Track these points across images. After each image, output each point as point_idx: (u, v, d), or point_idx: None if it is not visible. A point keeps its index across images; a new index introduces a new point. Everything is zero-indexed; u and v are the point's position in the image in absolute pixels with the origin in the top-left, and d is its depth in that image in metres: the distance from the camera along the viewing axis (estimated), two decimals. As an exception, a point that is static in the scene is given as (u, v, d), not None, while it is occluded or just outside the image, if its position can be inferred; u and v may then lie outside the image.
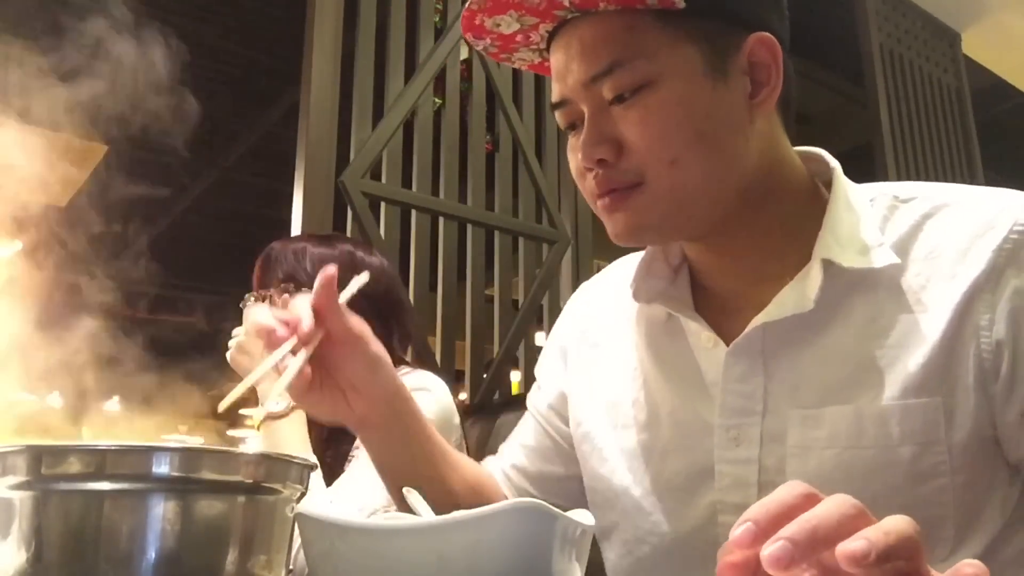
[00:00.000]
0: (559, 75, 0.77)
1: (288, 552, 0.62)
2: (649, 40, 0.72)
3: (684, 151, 0.71)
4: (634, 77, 0.71)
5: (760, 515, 0.42)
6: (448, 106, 2.54)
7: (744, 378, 0.76)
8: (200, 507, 0.56)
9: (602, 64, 0.72)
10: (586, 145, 0.74)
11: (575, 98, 0.76)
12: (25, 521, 0.54)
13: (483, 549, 0.49)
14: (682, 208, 0.74)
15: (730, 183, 0.74)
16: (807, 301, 0.72)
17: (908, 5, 4.13)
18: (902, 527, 0.43)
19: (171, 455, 0.54)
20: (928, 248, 0.72)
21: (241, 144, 5.78)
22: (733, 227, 0.77)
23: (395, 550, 0.49)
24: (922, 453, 0.68)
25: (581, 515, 0.55)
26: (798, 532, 0.42)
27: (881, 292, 0.72)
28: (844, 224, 0.74)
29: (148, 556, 0.53)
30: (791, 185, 0.78)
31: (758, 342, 0.75)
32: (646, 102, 0.72)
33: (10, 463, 0.55)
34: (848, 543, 0.42)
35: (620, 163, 0.73)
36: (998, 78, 4.70)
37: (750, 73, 0.74)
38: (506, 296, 2.62)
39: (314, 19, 2.26)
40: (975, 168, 4.20)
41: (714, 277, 0.82)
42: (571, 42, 0.75)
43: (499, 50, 0.82)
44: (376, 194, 2.30)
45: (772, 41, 0.74)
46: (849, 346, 0.72)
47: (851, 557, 0.41)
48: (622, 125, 0.73)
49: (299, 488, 0.62)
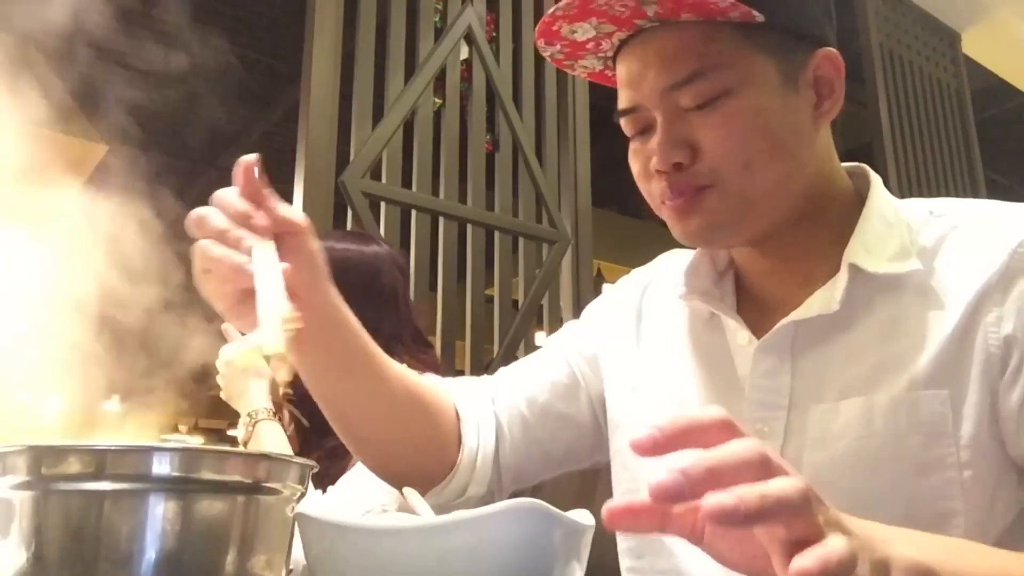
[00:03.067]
0: (632, 82, 0.79)
1: (288, 552, 0.62)
2: (728, 51, 0.75)
3: (757, 156, 0.75)
4: (714, 86, 0.74)
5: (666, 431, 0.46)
6: (448, 106, 2.54)
7: (772, 374, 0.79)
8: (200, 507, 0.56)
9: (682, 73, 0.75)
10: (663, 149, 0.76)
11: (649, 105, 0.78)
12: (25, 521, 0.54)
13: (483, 549, 0.49)
14: (750, 209, 0.77)
15: (795, 189, 0.78)
16: (832, 303, 0.75)
17: (908, 5, 4.13)
18: (786, 490, 0.45)
19: (171, 455, 0.55)
20: (951, 255, 0.76)
21: (241, 144, 5.78)
22: (789, 233, 0.80)
23: (395, 550, 0.49)
24: (929, 444, 0.70)
25: (581, 515, 0.55)
26: (693, 468, 0.44)
27: (905, 295, 0.76)
28: (874, 233, 0.78)
29: (148, 556, 0.53)
30: (839, 196, 0.82)
31: (787, 340, 0.78)
32: (725, 109, 0.74)
33: (10, 463, 0.55)
34: (717, 497, 0.43)
35: (695, 167, 0.76)
36: (998, 78, 4.70)
37: (815, 86, 0.78)
38: (506, 296, 2.62)
39: (314, 19, 2.26)
40: (975, 168, 4.20)
41: (761, 281, 0.85)
42: (648, 51, 0.77)
43: (565, 57, 0.84)
44: (376, 194, 2.30)
45: (837, 57, 0.79)
46: (870, 344, 0.75)
47: (713, 513, 0.43)
48: (699, 131, 0.75)
49: (299, 488, 0.62)
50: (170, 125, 5.25)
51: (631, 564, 0.90)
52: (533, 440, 0.92)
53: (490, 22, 2.75)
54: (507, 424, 0.92)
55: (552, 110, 2.86)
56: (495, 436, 0.90)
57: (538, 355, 1.01)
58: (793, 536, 0.46)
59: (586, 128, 2.93)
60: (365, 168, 2.28)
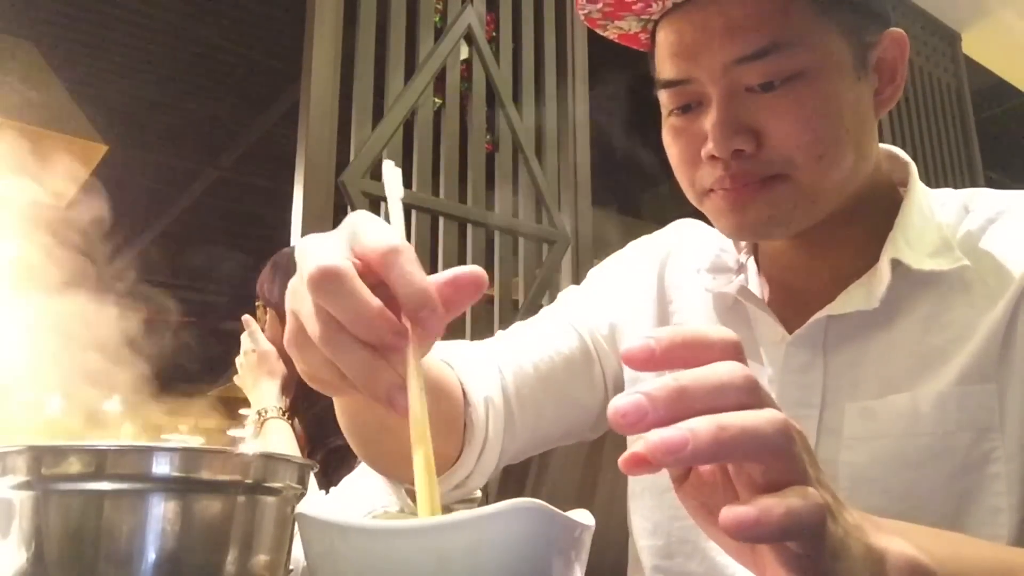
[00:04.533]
0: (686, 51, 0.70)
1: (288, 552, 0.62)
2: (804, 26, 0.67)
3: (831, 146, 0.69)
4: (789, 64, 0.67)
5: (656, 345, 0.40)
6: (448, 106, 2.54)
7: (804, 369, 0.75)
8: (200, 507, 0.56)
9: (756, 46, 0.67)
10: (722, 133, 0.68)
11: (705, 79, 0.70)
12: (25, 521, 0.54)
13: (483, 549, 0.49)
14: (816, 203, 0.71)
15: (859, 180, 0.73)
16: (873, 299, 0.71)
17: (908, 5, 4.13)
18: (759, 422, 0.37)
19: (171, 455, 0.55)
20: (991, 249, 0.73)
21: (241, 144, 5.78)
22: (830, 225, 0.74)
23: (395, 550, 0.49)
24: (977, 440, 0.68)
25: (581, 515, 0.55)
26: (659, 389, 0.37)
27: (945, 289, 0.72)
28: (915, 227, 0.73)
29: (148, 556, 0.53)
30: (879, 186, 0.77)
31: (820, 335, 0.75)
32: (798, 92, 0.67)
33: (10, 463, 0.55)
34: (662, 430, 0.36)
35: (760, 154, 0.69)
36: (998, 78, 4.70)
37: (877, 69, 0.73)
38: (506, 296, 2.62)
39: (314, 19, 2.26)
40: (975, 168, 4.20)
41: (789, 273, 0.80)
42: (710, 17, 0.68)
43: (603, 16, 0.76)
44: (376, 194, 2.30)
45: (903, 38, 0.73)
46: (911, 340, 0.72)
47: (656, 449, 0.36)
48: (765, 114, 0.68)
49: (299, 488, 0.62)
50: (170, 125, 5.26)
51: (658, 563, 0.84)
52: (540, 424, 0.84)
53: (490, 22, 2.74)
54: (517, 411, 0.81)
55: (552, 110, 2.86)
56: (504, 426, 0.79)
57: (547, 323, 0.89)
58: (767, 481, 0.38)
59: (586, 128, 2.93)
60: (365, 168, 2.28)
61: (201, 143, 5.72)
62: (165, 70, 4.62)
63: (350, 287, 0.43)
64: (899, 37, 0.73)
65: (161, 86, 4.84)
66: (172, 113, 5.10)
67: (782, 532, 0.37)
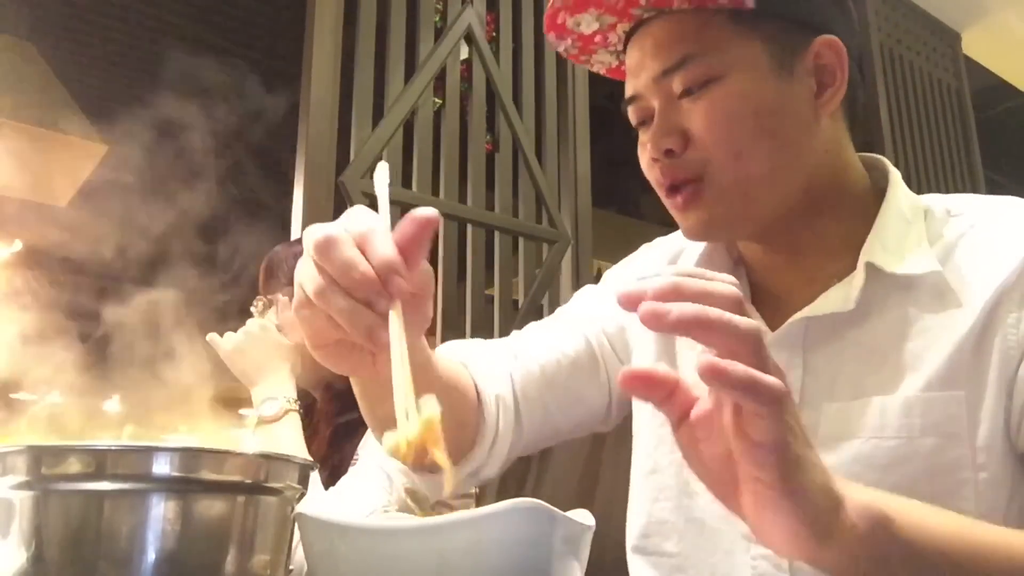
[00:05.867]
0: (633, 72, 0.80)
1: (288, 552, 0.62)
2: (719, 37, 0.75)
3: (748, 144, 0.74)
4: (703, 71, 0.75)
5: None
6: (448, 106, 2.54)
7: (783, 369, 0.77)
8: (200, 507, 0.56)
9: (674, 59, 0.76)
10: (655, 135, 0.77)
11: (647, 93, 0.79)
12: (25, 521, 0.54)
13: (483, 549, 0.49)
14: (747, 200, 0.76)
15: (794, 179, 0.77)
16: (849, 301, 0.74)
17: (908, 5, 4.13)
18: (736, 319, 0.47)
19: (171, 455, 0.55)
20: (968, 255, 0.75)
21: (241, 144, 5.77)
22: (796, 226, 0.79)
23: (395, 550, 0.49)
24: (944, 446, 0.70)
25: (581, 515, 0.55)
26: (661, 281, 0.47)
27: (920, 296, 0.75)
28: (893, 231, 0.77)
29: (148, 556, 0.53)
30: (853, 189, 0.81)
31: (799, 336, 0.77)
32: (712, 95, 0.75)
33: (10, 463, 0.55)
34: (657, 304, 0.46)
35: (686, 154, 0.76)
36: (998, 78, 4.70)
37: (815, 74, 0.77)
38: (506, 296, 2.62)
39: (314, 19, 2.26)
40: (975, 168, 4.20)
41: (769, 276, 0.84)
42: (645, 40, 0.79)
43: (579, 51, 0.86)
44: (376, 194, 2.29)
45: (838, 44, 0.77)
46: (887, 344, 0.75)
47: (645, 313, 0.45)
48: (689, 117, 0.76)
49: (299, 488, 0.62)
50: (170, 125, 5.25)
51: (636, 543, 0.89)
52: (548, 420, 0.90)
53: (490, 22, 2.74)
54: (525, 409, 0.86)
55: (552, 110, 2.86)
56: (514, 421, 0.85)
57: (558, 325, 0.95)
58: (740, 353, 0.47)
59: (586, 128, 2.93)
60: (365, 168, 2.28)
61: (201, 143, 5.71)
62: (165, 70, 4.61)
63: (342, 248, 0.53)
64: (833, 43, 0.77)
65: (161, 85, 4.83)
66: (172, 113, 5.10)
67: (744, 382, 0.45)
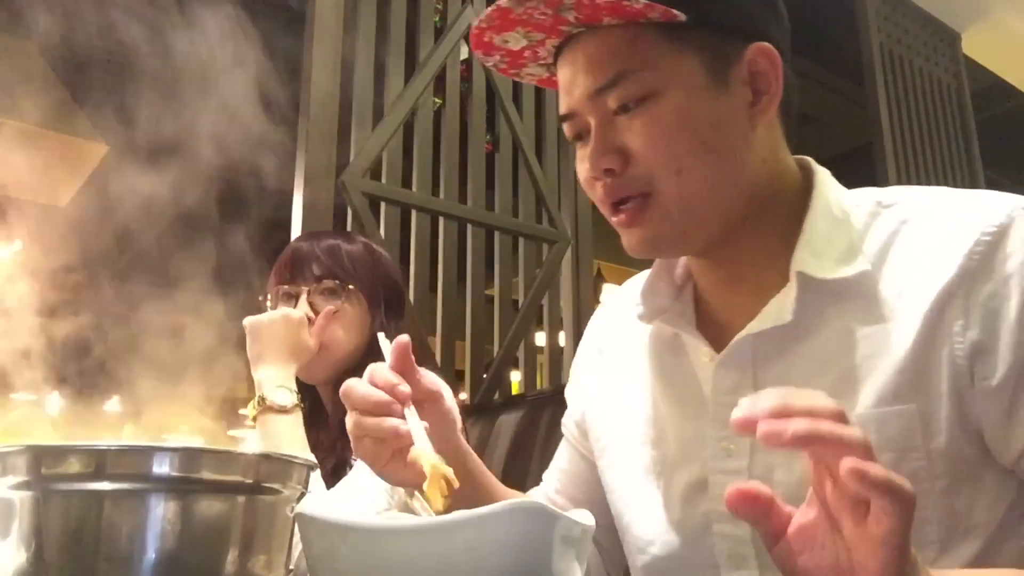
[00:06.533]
0: (566, 88, 0.79)
1: (288, 552, 0.62)
2: (652, 52, 0.73)
3: (688, 159, 0.73)
4: (638, 88, 0.73)
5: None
6: (448, 106, 2.54)
7: (734, 390, 0.76)
8: (200, 507, 0.56)
9: (607, 76, 0.74)
10: (593, 155, 0.76)
11: (582, 110, 0.77)
12: (25, 521, 0.54)
13: (483, 549, 0.49)
14: (691, 216, 0.75)
15: (736, 190, 0.75)
16: (785, 313, 0.73)
17: (908, 5, 4.13)
18: (844, 428, 0.49)
19: (171, 455, 0.55)
20: (904, 255, 0.73)
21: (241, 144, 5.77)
22: (735, 237, 0.78)
23: (396, 550, 0.49)
24: (901, 460, 0.69)
25: (581, 515, 0.55)
26: (767, 401, 0.50)
27: (859, 302, 0.73)
28: (821, 234, 0.75)
29: (148, 556, 0.53)
30: (787, 193, 0.79)
31: (747, 354, 0.76)
32: (650, 112, 0.73)
33: (10, 463, 0.55)
34: (769, 421, 0.49)
35: (627, 172, 0.75)
36: (998, 78, 4.70)
37: (751, 82, 0.76)
38: (506, 296, 2.62)
39: (314, 19, 2.26)
40: (975, 168, 4.20)
41: (716, 291, 0.83)
42: (577, 56, 0.77)
43: (508, 66, 0.84)
44: (376, 194, 2.30)
45: (771, 50, 0.75)
46: (830, 356, 0.73)
47: (764, 433, 0.48)
48: (627, 135, 0.74)
49: (299, 488, 0.62)
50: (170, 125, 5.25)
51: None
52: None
53: (490, 22, 2.74)
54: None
55: (552, 110, 2.86)
56: None
57: (561, 454, 1.02)
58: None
59: (586, 128, 2.93)
60: (365, 168, 2.28)
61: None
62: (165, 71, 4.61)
63: (357, 388, 0.72)
64: (766, 50, 0.75)
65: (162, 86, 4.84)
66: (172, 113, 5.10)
67: (885, 482, 0.47)
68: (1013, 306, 0.67)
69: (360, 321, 1.39)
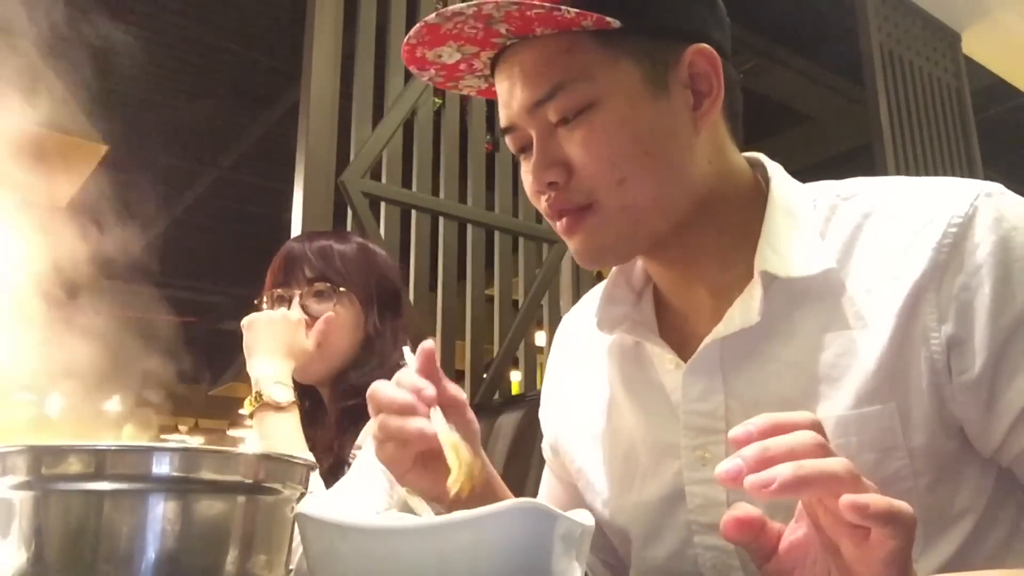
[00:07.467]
0: (504, 102, 0.77)
1: (288, 552, 0.62)
2: (588, 61, 0.71)
3: (631, 169, 0.72)
4: (576, 99, 0.72)
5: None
6: (448, 106, 2.54)
7: (704, 396, 0.75)
8: (200, 507, 0.56)
9: (544, 89, 0.72)
10: (536, 169, 0.74)
11: (522, 124, 0.75)
12: (25, 521, 0.54)
13: (483, 549, 0.49)
14: (636, 225, 0.74)
15: (680, 196, 0.74)
16: (752, 314, 0.72)
17: (908, 5, 4.13)
18: (829, 463, 0.50)
19: (171, 455, 0.55)
20: (870, 250, 0.72)
21: (241, 144, 5.78)
22: (685, 237, 0.76)
23: (395, 550, 0.49)
24: (883, 460, 0.68)
25: (581, 515, 0.55)
26: (749, 449, 0.51)
27: (828, 300, 0.72)
28: (782, 232, 0.74)
29: (148, 556, 0.53)
30: (738, 192, 0.78)
31: (715, 359, 0.75)
32: (590, 122, 0.72)
33: (10, 463, 0.55)
34: (754, 475, 0.49)
35: (570, 184, 0.73)
36: (998, 78, 4.70)
37: (691, 85, 0.74)
38: (506, 296, 2.62)
39: (314, 19, 2.26)
40: (975, 168, 4.20)
41: (675, 292, 0.82)
42: (513, 69, 0.75)
43: (445, 79, 0.82)
44: (376, 194, 2.30)
45: (710, 51, 0.74)
46: (802, 358, 0.72)
47: (752, 486, 0.49)
48: (569, 147, 0.73)
49: (299, 488, 0.62)
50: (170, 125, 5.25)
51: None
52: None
53: (490, 22, 2.74)
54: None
55: (552, 110, 2.86)
56: None
57: (545, 473, 1.01)
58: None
59: (586, 128, 2.93)
60: (365, 168, 2.28)
61: (201, 143, 5.71)
62: (165, 70, 4.62)
63: (384, 389, 0.72)
64: (704, 51, 0.74)
65: (161, 86, 4.84)
66: (172, 113, 5.11)
67: (888, 513, 0.48)
68: (985, 297, 0.66)
69: (353, 322, 1.39)
